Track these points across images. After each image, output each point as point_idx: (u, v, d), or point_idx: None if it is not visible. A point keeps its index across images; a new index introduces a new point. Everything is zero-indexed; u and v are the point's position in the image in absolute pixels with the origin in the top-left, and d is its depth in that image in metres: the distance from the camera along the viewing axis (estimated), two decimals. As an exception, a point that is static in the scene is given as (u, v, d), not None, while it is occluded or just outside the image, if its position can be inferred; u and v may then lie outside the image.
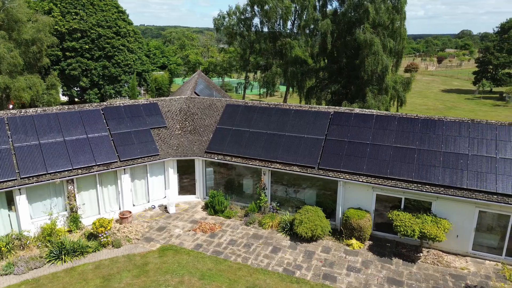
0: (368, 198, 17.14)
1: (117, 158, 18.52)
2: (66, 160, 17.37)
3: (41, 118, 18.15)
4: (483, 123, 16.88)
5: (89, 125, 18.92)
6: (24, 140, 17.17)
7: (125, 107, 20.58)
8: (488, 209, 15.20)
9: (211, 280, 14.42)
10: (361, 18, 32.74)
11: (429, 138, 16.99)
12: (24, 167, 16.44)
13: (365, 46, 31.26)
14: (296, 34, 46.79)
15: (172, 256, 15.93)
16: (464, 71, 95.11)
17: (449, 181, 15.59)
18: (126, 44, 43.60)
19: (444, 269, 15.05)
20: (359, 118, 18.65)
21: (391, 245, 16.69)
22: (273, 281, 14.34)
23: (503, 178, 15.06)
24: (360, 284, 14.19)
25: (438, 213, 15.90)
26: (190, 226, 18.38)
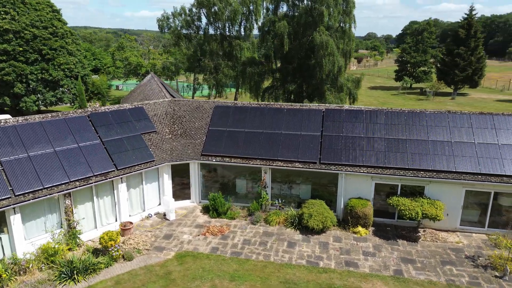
0: (367, 188, 18.47)
1: (114, 167, 17.47)
2: (61, 172, 15.95)
3: (25, 128, 16.42)
4: (458, 113, 19.24)
5: (78, 133, 17.56)
6: (11, 153, 15.41)
7: (111, 112, 19.43)
8: (473, 188, 17.43)
9: (242, 281, 14.47)
10: (315, 21, 34.55)
11: (416, 128, 18.87)
12: (18, 183, 14.79)
13: (321, 48, 33.06)
14: (245, 36, 47.45)
15: (193, 262, 15.60)
16: (382, 70, 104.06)
17: (439, 166, 17.53)
18: (65, 46, 40.32)
19: (443, 245, 16.92)
20: (350, 113, 19.95)
21: (391, 229, 18.22)
22: (303, 274, 14.86)
23: (483, 160, 17.38)
24: (380, 266, 15.36)
25: (431, 196, 17.78)
26: (197, 231, 18.04)
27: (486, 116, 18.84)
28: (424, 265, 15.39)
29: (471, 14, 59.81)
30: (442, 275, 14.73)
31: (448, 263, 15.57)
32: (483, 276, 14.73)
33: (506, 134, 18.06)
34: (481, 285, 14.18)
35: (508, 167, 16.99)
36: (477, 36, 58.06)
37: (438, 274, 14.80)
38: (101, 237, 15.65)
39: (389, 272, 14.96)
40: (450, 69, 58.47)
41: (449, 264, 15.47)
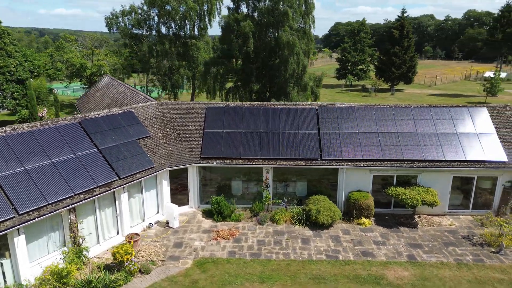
0: (366, 180, 19.42)
1: (116, 176, 16.32)
2: (64, 186, 14.55)
3: (15, 139, 14.69)
4: (439, 107, 20.99)
5: (72, 142, 16.12)
6: (6, 168, 13.70)
7: (103, 118, 18.10)
8: (460, 174, 19.21)
9: (272, 281, 14.45)
10: (278, 21, 35.17)
11: (404, 122, 20.23)
12: (20, 200, 13.21)
13: (287, 47, 33.77)
14: (200, 36, 46.65)
15: (215, 268, 15.20)
16: (319, 69, 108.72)
17: (429, 156, 19.02)
18: (4, 47, 36.33)
19: (439, 228, 18.42)
20: (342, 110, 20.77)
21: (390, 218, 19.37)
22: (327, 268, 15.25)
23: (466, 148, 19.20)
24: (394, 253, 16.30)
25: (423, 184, 19.22)
26: (206, 236, 17.56)
27: (462, 108, 20.81)
28: (431, 248, 16.64)
29: (403, 16, 65.06)
30: (449, 256, 16.07)
31: (450, 244, 17.01)
32: (483, 253, 16.35)
33: (480, 124, 20.10)
34: (484, 261, 15.72)
35: (487, 154, 18.96)
36: (409, 36, 63.33)
37: (445, 255, 16.11)
38: (115, 251, 14.55)
39: (403, 258, 15.94)
40: (387, 67, 63.01)
41: (451, 245, 16.90)
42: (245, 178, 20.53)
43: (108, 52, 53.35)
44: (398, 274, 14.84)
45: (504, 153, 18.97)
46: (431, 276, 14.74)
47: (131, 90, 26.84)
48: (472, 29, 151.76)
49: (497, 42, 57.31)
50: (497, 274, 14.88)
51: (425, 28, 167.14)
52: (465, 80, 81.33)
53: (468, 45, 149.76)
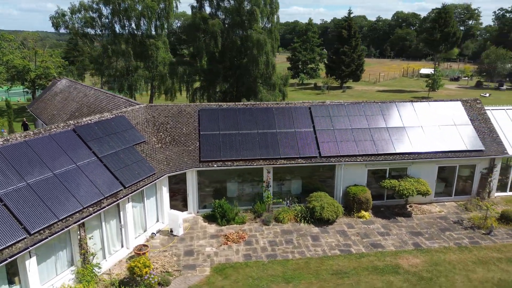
0: (362, 175, 20.14)
1: (121, 185, 15.28)
2: (70, 199, 13.32)
3: (10, 151, 13.15)
4: (419, 101, 22.35)
5: (70, 151, 14.80)
6: (7, 184, 12.23)
7: (96, 124, 16.82)
8: (444, 164, 20.65)
9: (297, 280, 14.48)
10: (244, 21, 35.14)
11: (391, 117, 21.27)
12: (28, 219, 11.88)
13: (257, 46, 33.88)
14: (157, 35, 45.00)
15: (236, 273, 14.86)
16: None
17: (417, 148, 20.20)
18: None
19: (431, 216, 19.67)
20: (333, 108, 21.30)
21: (385, 209, 20.27)
22: (345, 262, 15.60)
23: (449, 140, 20.68)
24: (400, 242, 17.12)
25: (413, 175, 20.38)
26: (216, 241, 17.08)
27: (440, 102, 22.37)
28: (431, 235, 17.73)
29: (349, 17, 68.16)
30: (449, 241, 17.24)
31: (445, 229, 18.24)
32: (476, 235, 17.76)
33: (457, 116, 21.76)
34: (479, 243, 17.10)
35: (467, 144, 20.58)
36: (356, 36, 66.53)
37: (445, 241, 17.26)
38: (133, 266, 13.62)
39: (410, 247, 16.80)
40: (338, 66, 65.67)
41: (447, 231, 18.14)
42: (239, 179, 20.28)
43: (53, 53, 49.47)
44: (411, 262, 15.62)
45: (481, 143, 20.73)
46: (440, 261, 15.71)
47: (105, 93, 25.19)
48: (401, 29, 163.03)
49: (436, 41, 62.41)
50: (495, 254, 16.26)
51: (360, 28, 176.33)
52: (403, 77, 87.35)
53: (398, 44, 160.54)
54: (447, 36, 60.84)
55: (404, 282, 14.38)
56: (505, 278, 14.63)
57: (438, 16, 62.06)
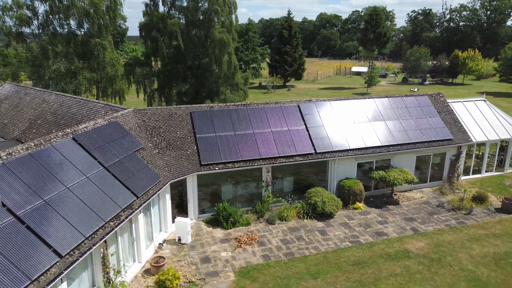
0: (352, 168, 21.07)
1: (134, 196, 14.27)
2: (90, 214, 12.17)
3: (17, 165, 11.61)
4: (395, 97, 23.94)
5: (76, 161, 13.48)
6: (24, 203, 10.79)
7: (94, 131, 15.47)
8: (421, 153, 22.42)
9: (323, 275, 14.79)
10: (205, 20, 34.56)
11: (374, 112, 22.52)
12: (56, 240, 10.63)
13: (219, 46, 33.52)
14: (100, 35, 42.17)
15: (262, 275, 14.73)
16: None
17: (399, 140, 21.68)
18: None
19: (416, 201, 21.24)
20: (320, 106, 21.94)
21: (374, 199, 21.43)
22: (359, 253, 16.27)
23: (424, 131, 22.50)
24: (399, 228, 18.27)
25: (396, 166, 21.83)
26: (228, 246, 16.71)
27: (409, 97, 24.21)
28: (423, 220, 19.18)
29: (289, 17, 70.16)
30: (440, 223, 18.82)
31: (432, 213, 19.86)
32: (459, 216, 19.60)
33: (427, 109, 23.76)
34: (465, 223, 18.91)
35: (438, 134, 22.59)
36: (297, 36, 68.76)
37: (437, 223, 18.81)
38: (163, 279, 12.89)
39: (410, 232, 18.02)
40: (281, 65, 67.31)
41: (434, 214, 19.77)
42: (233, 181, 20.03)
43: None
44: (417, 246, 16.80)
45: (449, 132, 22.88)
46: (440, 242, 17.10)
47: (73, 98, 23.09)
48: (325, 30, 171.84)
49: (369, 41, 66.97)
50: (481, 231, 18.13)
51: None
52: (337, 75, 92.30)
53: (323, 44, 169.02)
54: (379, 36, 65.70)
55: (419, 265, 15.43)
56: (498, 251, 16.40)
57: (370, 18, 66.77)
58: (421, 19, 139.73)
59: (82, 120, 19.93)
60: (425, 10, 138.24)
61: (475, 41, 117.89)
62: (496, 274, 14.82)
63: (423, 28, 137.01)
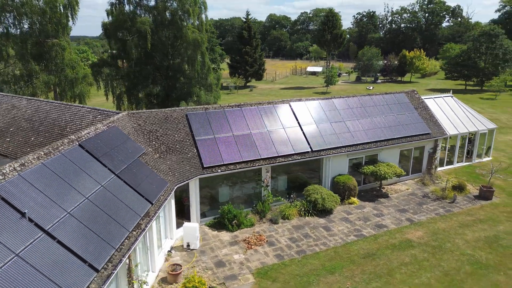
0: (345, 165, 21.71)
1: (148, 203, 13.69)
2: (115, 225, 11.51)
3: (33, 176, 10.70)
4: (377, 94, 24.97)
5: (88, 169, 12.66)
6: (51, 217, 9.97)
7: (97, 137, 14.57)
8: (404, 147, 23.62)
9: (339, 269, 15.14)
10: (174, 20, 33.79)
11: (362, 110, 23.34)
12: (89, 253, 9.95)
13: (193, 46, 32.95)
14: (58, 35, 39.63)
15: (280, 275, 14.77)
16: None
17: (385, 136, 22.68)
18: None
19: (403, 193, 22.34)
20: (310, 104, 22.35)
21: (364, 193, 22.23)
22: (366, 245, 16.83)
23: (405, 127, 23.72)
24: (396, 220, 19.13)
25: (382, 160, 22.82)
26: (239, 248, 16.53)
27: (390, 95, 25.40)
28: (414, 210, 20.24)
29: (248, 18, 70.43)
30: (430, 212, 19.96)
31: (420, 204, 21.01)
32: (445, 204, 20.92)
33: (405, 106, 25.07)
34: (452, 211, 20.23)
35: (418, 129, 23.93)
36: (256, 37, 69.24)
37: (427, 213, 19.94)
38: (190, 286, 12.48)
39: (406, 222, 18.94)
40: (242, 66, 67.43)
41: (422, 204, 20.93)
42: (230, 183, 19.85)
43: None
44: (416, 235, 17.71)
45: (427, 127, 24.34)
46: (435, 230, 18.16)
47: (51, 103, 21.50)
48: (275, 31, 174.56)
49: (327, 41, 69.11)
50: (468, 217, 19.50)
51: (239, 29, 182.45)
52: (293, 75, 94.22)
53: (274, 45, 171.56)
54: (336, 37, 68.10)
55: (424, 253, 16.28)
56: (488, 235, 17.75)
57: (327, 19, 68.99)
58: (366, 21, 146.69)
59: (67, 126, 18.75)
60: (369, 13, 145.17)
61: (416, 41, 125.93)
62: (492, 256, 16.03)
63: (368, 29, 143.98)
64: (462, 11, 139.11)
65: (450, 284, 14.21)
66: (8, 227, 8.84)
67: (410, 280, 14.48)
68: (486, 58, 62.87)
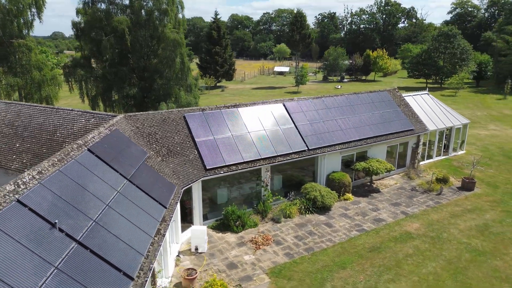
0: (337, 162, 22.19)
1: (163, 207, 13.33)
2: (139, 233, 11.13)
3: (55, 183, 10.13)
4: (359, 93, 25.69)
5: (102, 175, 12.15)
6: (80, 226, 9.49)
7: (103, 141, 13.97)
8: (390, 144, 24.51)
9: (350, 264, 15.49)
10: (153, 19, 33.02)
11: (350, 108, 23.93)
12: (121, 261, 9.57)
13: (172, 46, 32.36)
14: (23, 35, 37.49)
15: (295, 273, 14.89)
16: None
17: (373, 133, 23.41)
18: None
19: (393, 187, 23.18)
20: (303, 104, 22.63)
21: (356, 189, 22.84)
22: (370, 239, 17.32)
23: (391, 124, 24.60)
24: (392, 214, 19.82)
25: (372, 156, 23.55)
26: (247, 249, 16.46)
27: (379, 93, 26.25)
28: (407, 203, 21.06)
29: (216, 18, 69.97)
30: (421, 205, 20.86)
31: (411, 197, 21.91)
32: (433, 197, 21.93)
33: (388, 103, 26.00)
34: (441, 202, 21.25)
35: (403, 125, 24.91)
36: (225, 37, 68.96)
37: (419, 205, 20.82)
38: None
39: (401, 216, 19.68)
40: (212, 66, 66.93)
41: (413, 197, 21.83)
42: (227, 184, 19.73)
43: None
44: (414, 227, 18.45)
45: (410, 123, 25.39)
46: (430, 221, 19.01)
47: (35, 107, 20.31)
48: (238, 31, 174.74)
49: (295, 42, 70.09)
50: (457, 208, 20.57)
51: (200, 29, 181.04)
52: (261, 75, 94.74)
53: (238, 45, 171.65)
54: (304, 37, 69.25)
55: (424, 243, 17.00)
56: (478, 224, 18.83)
57: (295, 20, 70.02)
58: (327, 22, 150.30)
59: (57, 130, 17.89)
60: (330, 14, 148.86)
61: (375, 42, 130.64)
62: (487, 243, 17.04)
63: (330, 30, 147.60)
64: (416, 13, 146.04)
65: (455, 272, 14.95)
66: (42, 239, 8.32)
67: (418, 270, 15.09)
68: (445, 57, 66.39)
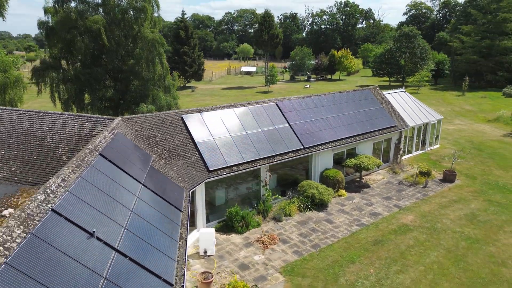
0: (330, 159, 22.65)
1: (178, 210, 13.04)
2: (165, 237, 10.84)
3: (81, 190, 9.65)
4: (346, 92, 26.34)
5: (118, 180, 11.70)
6: (112, 235, 9.10)
7: (112, 145, 13.42)
8: (376, 140, 25.35)
9: (357, 258, 15.90)
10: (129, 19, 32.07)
11: (337, 106, 24.48)
12: (159, 268, 9.29)
13: (151, 46, 31.59)
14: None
15: (307, 269, 15.08)
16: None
17: (361, 130, 24.12)
18: None
19: (381, 182, 24.00)
20: (295, 103, 22.87)
21: (347, 185, 23.42)
22: (372, 233, 17.86)
23: (375, 121, 25.45)
24: (386, 207, 20.53)
25: (360, 153, 24.25)
26: (255, 249, 16.44)
27: (363, 91, 27.01)
28: (397, 197, 21.90)
29: (183, 17, 68.88)
30: (411, 198, 21.77)
31: (399, 191, 22.80)
32: (420, 190, 22.95)
33: (373, 101, 26.88)
34: (428, 195, 22.28)
35: (387, 122, 25.85)
36: (193, 37, 68.11)
37: (409, 199, 21.71)
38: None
39: (395, 209, 20.43)
40: (181, 66, 65.87)
41: (401, 191, 22.72)
42: (225, 185, 19.62)
43: None
44: (408, 219, 19.23)
45: (393, 120, 26.40)
46: (422, 213, 19.90)
47: (17, 111, 19.06)
48: (200, 31, 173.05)
49: (264, 42, 70.47)
50: (443, 199, 21.66)
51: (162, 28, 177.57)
52: (228, 74, 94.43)
53: (200, 45, 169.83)
54: (272, 37, 69.86)
55: (422, 234, 17.78)
56: (466, 213, 19.94)
57: (263, 20, 70.45)
58: (289, 22, 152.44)
59: (47, 136, 16.94)
60: (292, 14, 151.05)
61: (336, 42, 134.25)
62: (478, 231, 18.09)
63: (292, 30, 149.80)
64: (373, 14, 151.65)
65: (456, 260, 15.77)
66: (85, 249, 7.90)
67: (422, 260, 15.76)
68: (406, 57, 69.46)
